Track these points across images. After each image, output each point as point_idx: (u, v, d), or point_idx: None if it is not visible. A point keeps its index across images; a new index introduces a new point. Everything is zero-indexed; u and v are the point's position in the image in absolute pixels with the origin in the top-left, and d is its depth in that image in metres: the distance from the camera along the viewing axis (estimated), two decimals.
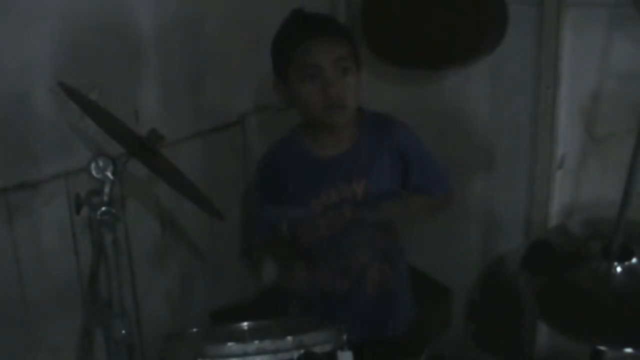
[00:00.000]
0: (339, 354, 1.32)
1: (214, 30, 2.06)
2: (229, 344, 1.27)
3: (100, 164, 1.41)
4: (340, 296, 1.75)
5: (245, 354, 1.26)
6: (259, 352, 1.26)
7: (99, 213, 1.41)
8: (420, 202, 1.79)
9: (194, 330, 1.49)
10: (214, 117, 2.13)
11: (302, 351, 1.27)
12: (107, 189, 1.42)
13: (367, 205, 1.69)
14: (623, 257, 1.77)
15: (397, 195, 1.76)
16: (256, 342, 1.27)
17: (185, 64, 2.02)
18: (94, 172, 1.42)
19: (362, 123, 1.73)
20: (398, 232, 1.74)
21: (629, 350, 1.66)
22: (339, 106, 1.63)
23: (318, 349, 1.29)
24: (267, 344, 1.26)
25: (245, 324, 1.49)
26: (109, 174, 1.42)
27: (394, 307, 1.82)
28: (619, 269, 1.76)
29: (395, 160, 1.72)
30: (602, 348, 1.77)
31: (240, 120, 2.19)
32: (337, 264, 1.74)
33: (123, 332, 1.46)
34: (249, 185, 2.14)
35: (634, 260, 1.76)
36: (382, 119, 1.77)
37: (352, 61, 1.67)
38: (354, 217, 1.71)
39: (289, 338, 1.27)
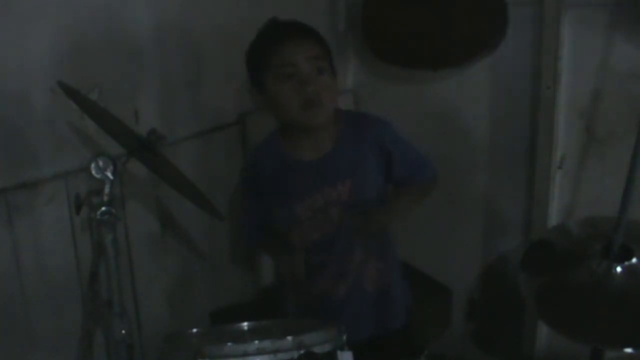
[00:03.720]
0: (339, 354, 1.32)
1: (213, 30, 2.06)
2: (229, 344, 1.27)
3: (100, 164, 1.41)
4: (339, 299, 1.75)
5: (245, 354, 1.26)
6: (259, 352, 1.26)
7: (99, 213, 1.41)
8: (408, 195, 1.79)
9: (194, 330, 1.49)
10: (214, 117, 2.13)
11: (302, 351, 1.27)
12: (107, 189, 1.42)
13: (355, 214, 1.69)
14: (623, 257, 1.77)
15: (383, 191, 1.76)
16: (256, 342, 1.27)
17: (185, 64, 2.02)
18: (94, 172, 1.42)
19: (340, 124, 1.73)
20: (390, 228, 1.76)
21: (629, 350, 1.66)
22: (316, 104, 1.63)
23: (318, 349, 1.29)
24: (267, 344, 1.26)
25: (245, 324, 1.49)
26: (109, 174, 1.42)
27: (393, 301, 1.82)
28: (619, 269, 1.76)
29: (378, 156, 1.73)
30: (602, 348, 1.77)
31: (240, 120, 2.20)
32: (332, 268, 1.74)
33: (123, 332, 1.46)
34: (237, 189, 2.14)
35: (634, 260, 1.76)
36: (360, 117, 1.78)
37: (327, 63, 1.68)
38: (343, 219, 1.71)
39: (289, 338, 1.27)
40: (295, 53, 1.64)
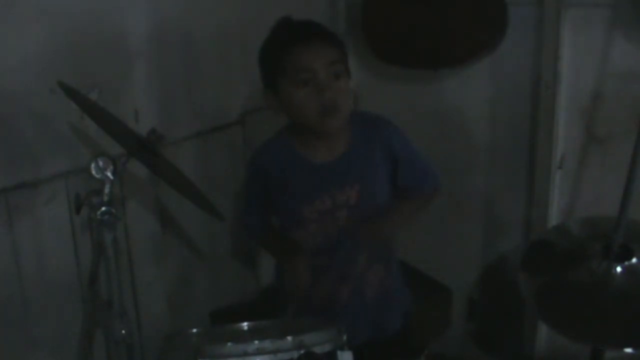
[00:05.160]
0: (339, 354, 1.32)
1: (213, 30, 2.06)
2: (229, 344, 1.27)
3: (100, 164, 1.42)
4: (340, 303, 1.75)
5: (245, 354, 1.26)
6: (259, 352, 1.26)
7: (99, 213, 1.41)
8: (410, 204, 1.78)
9: (194, 330, 1.49)
10: (214, 117, 2.13)
11: (302, 351, 1.27)
12: (107, 189, 1.42)
13: (357, 223, 1.69)
14: (623, 257, 1.77)
15: (389, 197, 1.76)
16: (256, 342, 1.26)
17: (185, 64, 2.02)
18: (94, 172, 1.42)
19: (352, 127, 1.72)
20: (391, 237, 1.76)
21: (629, 350, 1.66)
22: (334, 110, 1.61)
23: (318, 349, 1.29)
24: (267, 344, 1.26)
25: (245, 324, 1.49)
26: (109, 174, 1.42)
27: (392, 305, 1.82)
28: (619, 269, 1.76)
29: (387, 161, 1.72)
30: (602, 348, 1.77)
31: (240, 120, 2.20)
32: (334, 272, 1.73)
33: (123, 332, 1.46)
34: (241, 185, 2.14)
35: (634, 260, 1.77)
36: (371, 120, 1.75)
37: (343, 66, 1.65)
38: (348, 223, 1.71)
39: (289, 338, 1.27)
40: (312, 58, 1.60)
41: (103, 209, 1.41)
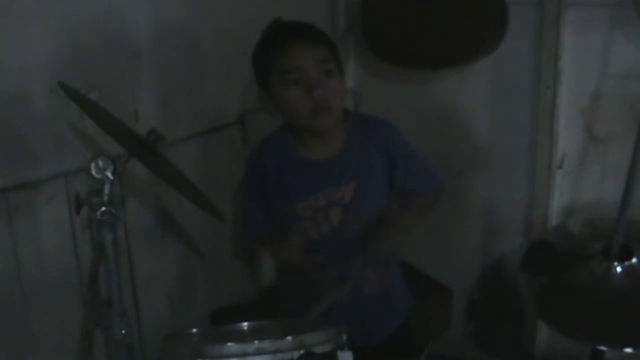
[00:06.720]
0: (339, 354, 1.32)
1: (213, 30, 2.06)
2: (229, 344, 1.27)
3: (100, 164, 1.41)
4: (339, 301, 1.74)
5: (245, 354, 1.25)
6: (259, 352, 1.25)
7: (99, 213, 1.40)
8: (413, 212, 1.76)
9: (194, 330, 1.49)
10: (214, 117, 2.13)
11: (302, 351, 1.27)
12: (107, 189, 1.42)
13: (366, 236, 1.69)
14: (623, 257, 1.77)
15: (386, 196, 1.76)
16: (256, 342, 1.26)
17: (185, 64, 2.02)
18: (94, 172, 1.41)
19: (349, 126, 1.72)
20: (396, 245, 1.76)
21: (629, 350, 1.66)
22: (325, 108, 1.62)
23: (318, 349, 1.29)
24: (267, 344, 1.26)
25: (245, 324, 1.49)
26: (109, 174, 1.42)
27: (392, 305, 1.82)
28: (619, 269, 1.76)
29: (383, 161, 1.72)
30: (602, 348, 1.77)
31: (240, 120, 2.20)
32: (332, 269, 1.73)
33: (123, 332, 1.46)
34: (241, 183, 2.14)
35: (634, 260, 1.77)
36: (368, 120, 1.77)
37: (334, 65, 1.67)
38: (343, 221, 1.71)
39: (289, 338, 1.27)
40: (301, 58, 1.62)
41: (103, 209, 1.41)
